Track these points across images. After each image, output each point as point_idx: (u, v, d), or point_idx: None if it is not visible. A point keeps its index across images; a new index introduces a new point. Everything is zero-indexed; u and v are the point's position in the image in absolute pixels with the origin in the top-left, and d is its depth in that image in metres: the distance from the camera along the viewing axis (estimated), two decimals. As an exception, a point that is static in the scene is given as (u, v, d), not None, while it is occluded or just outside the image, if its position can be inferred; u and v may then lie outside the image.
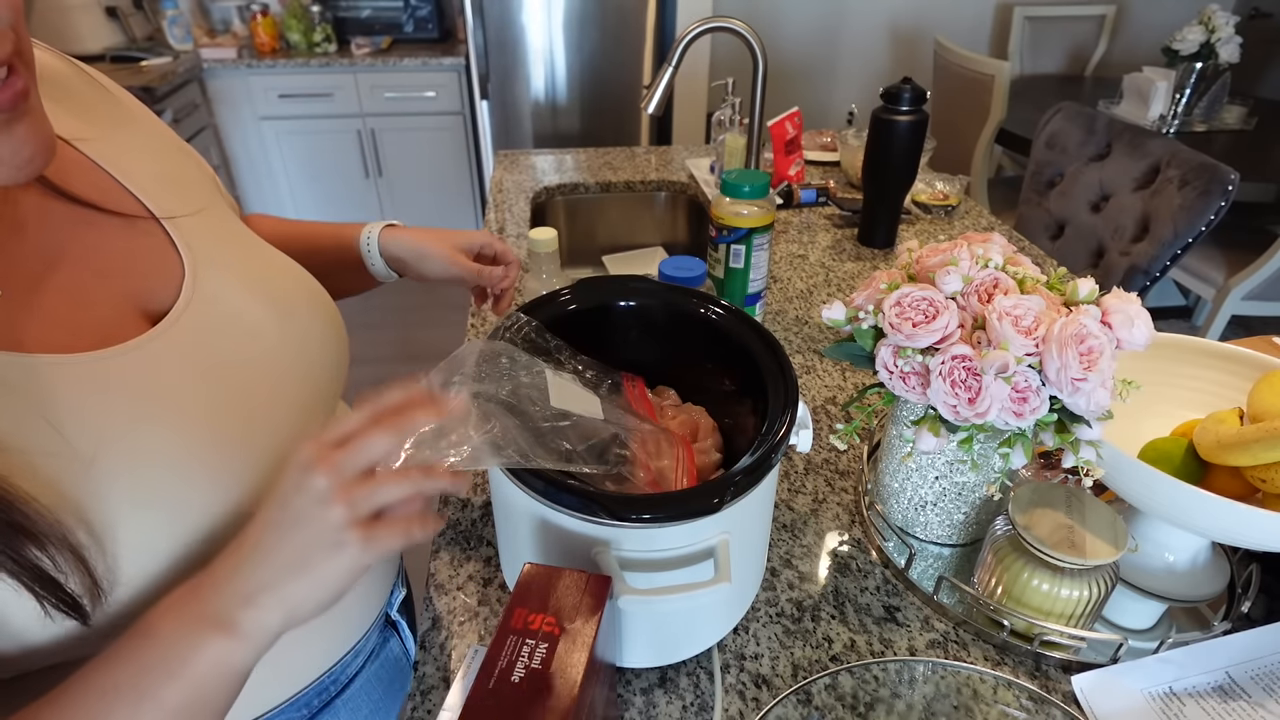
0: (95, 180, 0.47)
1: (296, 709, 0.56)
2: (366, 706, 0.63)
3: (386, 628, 0.68)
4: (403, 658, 0.70)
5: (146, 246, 0.47)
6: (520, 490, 0.50)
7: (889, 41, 3.39)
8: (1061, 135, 1.74)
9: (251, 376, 0.48)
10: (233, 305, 0.49)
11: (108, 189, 0.47)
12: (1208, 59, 2.42)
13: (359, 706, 0.62)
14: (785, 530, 0.71)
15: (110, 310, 0.44)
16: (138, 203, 0.48)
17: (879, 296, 0.59)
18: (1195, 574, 0.61)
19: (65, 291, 0.42)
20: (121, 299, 0.45)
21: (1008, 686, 0.55)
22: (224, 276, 0.50)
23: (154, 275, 0.47)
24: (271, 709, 0.54)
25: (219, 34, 3.02)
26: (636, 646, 0.55)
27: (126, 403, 0.41)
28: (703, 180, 1.50)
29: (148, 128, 0.54)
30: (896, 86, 1.14)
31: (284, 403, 0.49)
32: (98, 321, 0.43)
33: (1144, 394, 0.57)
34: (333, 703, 0.60)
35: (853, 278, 1.18)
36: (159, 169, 0.52)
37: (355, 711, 0.62)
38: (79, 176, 0.46)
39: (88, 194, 0.46)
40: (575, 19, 2.66)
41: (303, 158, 2.96)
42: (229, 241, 0.53)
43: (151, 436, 0.41)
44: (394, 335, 2.79)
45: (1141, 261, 1.46)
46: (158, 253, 0.48)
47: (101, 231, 0.46)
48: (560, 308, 0.64)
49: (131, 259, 0.46)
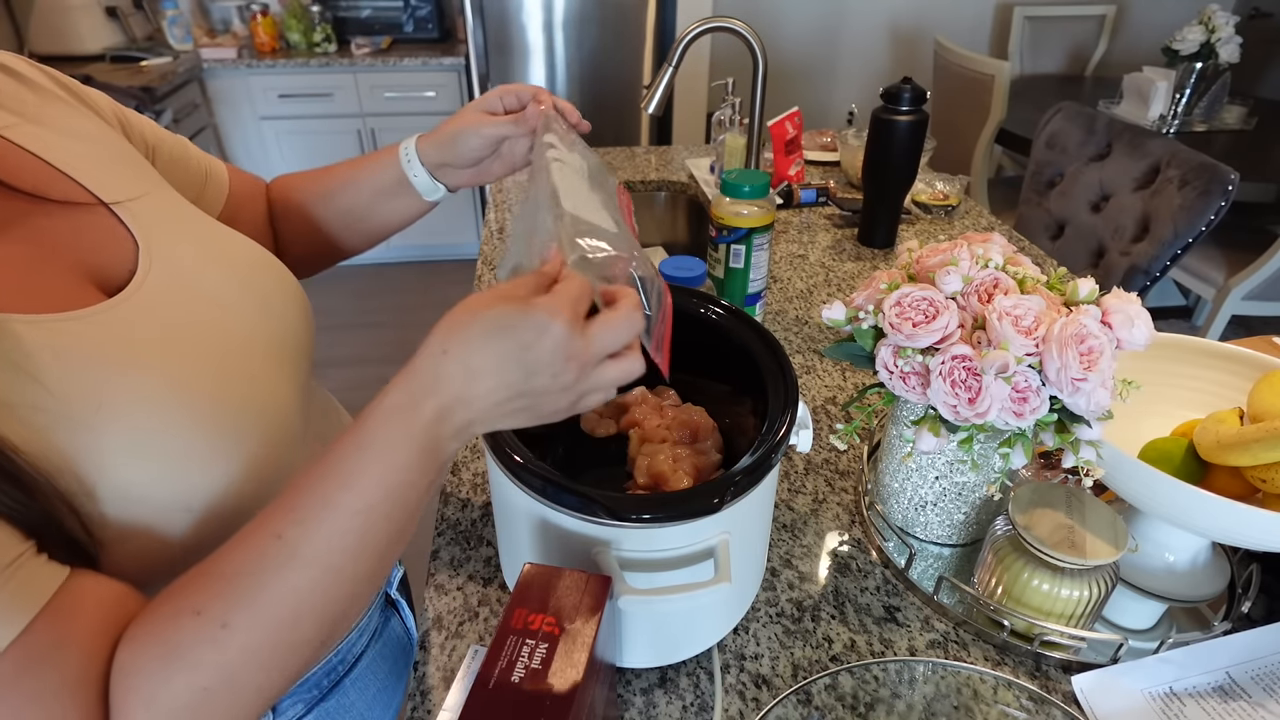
0: (33, 169, 0.46)
1: (306, 690, 0.57)
2: (374, 685, 0.64)
3: (387, 607, 0.69)
4: (404, 637, 0.71)
5: (95, 229, 0.47)
6: (520, 490, 0.50)
7: (889, 41, 3.39)
8: (1061, 135, 1.74)
9: (220, 336, 0.48)
10: (192, 274, 0.49)
11: (49, 178, 0.47)
12: (1208, 59, 2.42)
13: (367, 685, 0.64)
14: (785, 530, 0.71)
15: (63, 283, 0.43)
16: (82, 189, 0.48)
17: (879, 296, 0.59)
18: (1195, 574, 0.61)
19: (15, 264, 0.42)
20: (73, 274, 0.44)
21: (1008, 686, 0.55)
22: (179, 249, 0.50)
23: (105, 253, 0.47)
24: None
25: (219, 34, 3.02)
26: (636, 646, 0.55)
27: (107, 358, 0.41)
28: (703, 180, 1.50)
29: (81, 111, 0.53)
30: (896, 86, 1.14)
31: (257, 358, 0.50)
32: (53, 292, 0.42)
33: (1144, 394, 0.57)
34: (341, 683, 0.61)
35: (853, 278, 1.18)
36: (99, 153, 0.51)
37: (364, 690, 0.63)
38: (15, 167, 0.45)
39: (27, 184, 0.45)
40: (575, 19, 2.66)
41: (303, 158, 2.96)
42: (180, 219, 0.53)
43: (139, 387, 0.41)
44: (394, 335, 2.79)
45: (1141, 261, 1.46)
46: (108, 233, 0.48)
47: (48, 217, 0.45)
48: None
49: (79, 238, 0.46)
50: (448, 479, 0.76)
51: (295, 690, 0.56)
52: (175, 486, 0.42)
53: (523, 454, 0.49)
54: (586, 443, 0.67)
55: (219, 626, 0.36)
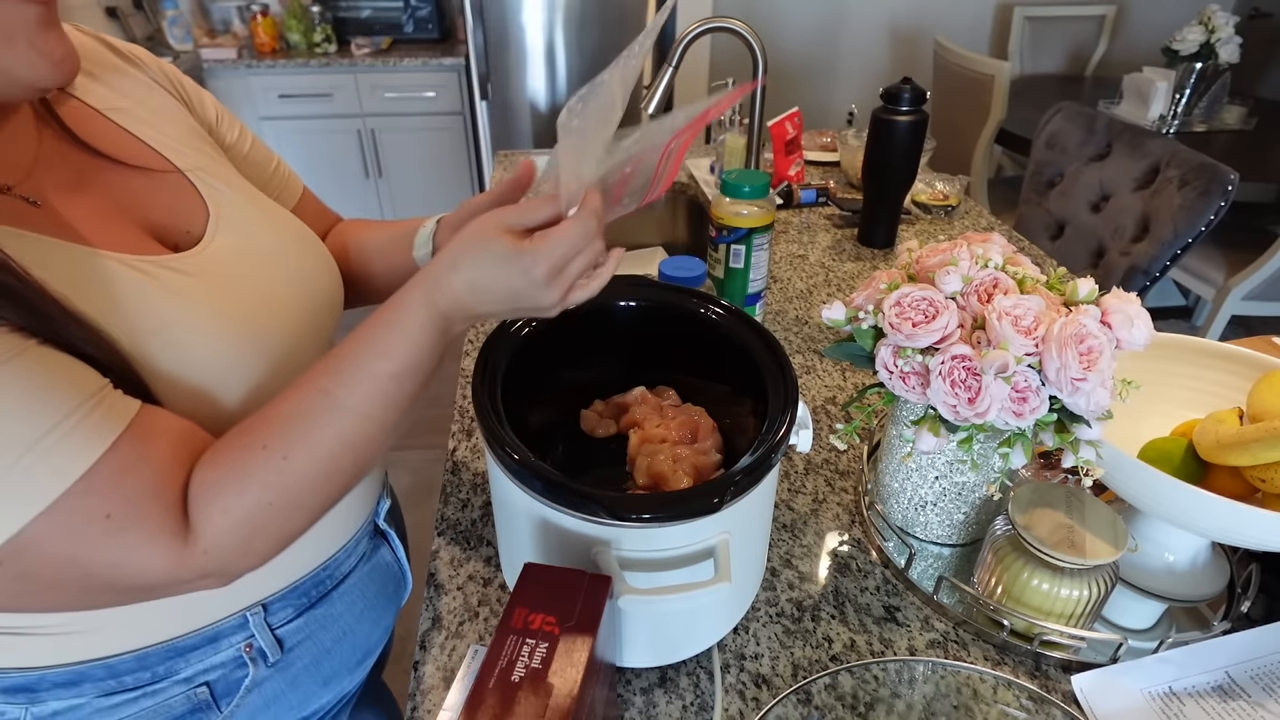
0: (120, 141, 0.54)
1: (296, 596, 0.62)
2: (361, 602, 0.68)
3: (376, 535, 0.72)
4: (394, 565, 0.75)
5: (168, 191, 0.55)
6: (520, 490, 0.50)
7: (889, 41, 3.39)
8: (1061, 135, 1.74)
9: (270, 294, 0.56)
10: (253, 240, 0.57)
11: (133, 149, 0.54)
12: (1208, 59, 2.42)
13: (354, 601, 0.67)
14: (785, 530, 0.71)
15: (134, 236, 0.51)
16: (163, 159, 0.55)
17: (879, 296, 0.59)
18: (1195, 574, 0.61)
19: (92, 213, 0.49)
20: (143, 229, 0.52)
21: (1008, 686, 0.55)
22: (247, 214, 0.58)
23: (176, 213, 0.54)
24: (273, 594, 0.60)
25: (219, 34, 3.02)
26: (636, 646, 0.55)
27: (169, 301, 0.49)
28: (703, 180, 1.50)
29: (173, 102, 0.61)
30: (896, 86, 1.14)
31: (295, 317, 0.57)
32: (125, 241, 0.50)
33: (1144, 394, 0.57)
34: (329, 595, 0.65)
35: (853, 278, 1.18)
36: (180, 129, 0.59)
37: (351, 605, 0.67)
38: (104, 136, 0.53)
39: (110, 150, 0.52)
40: (575, 19, 2.66)
41: (303, 158, 2.96)
42: (243, 189, 0.61)
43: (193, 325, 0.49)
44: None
45: (1141, 261, 1.46)
46: (183, 197, 0.55)
47: (123, 177, 0.53)
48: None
49: (152, 198, 0.54)
50: (448, 479, 0.76)
51: (285, 595, 0.61)
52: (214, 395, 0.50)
53: (523, 454, 0.49)
54: (586, 443, 0.68)
55: (281, 457, 0.45)
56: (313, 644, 0.64)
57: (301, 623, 0.63)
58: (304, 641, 0.63)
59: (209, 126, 0.64)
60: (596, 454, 0.67)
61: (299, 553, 0.61)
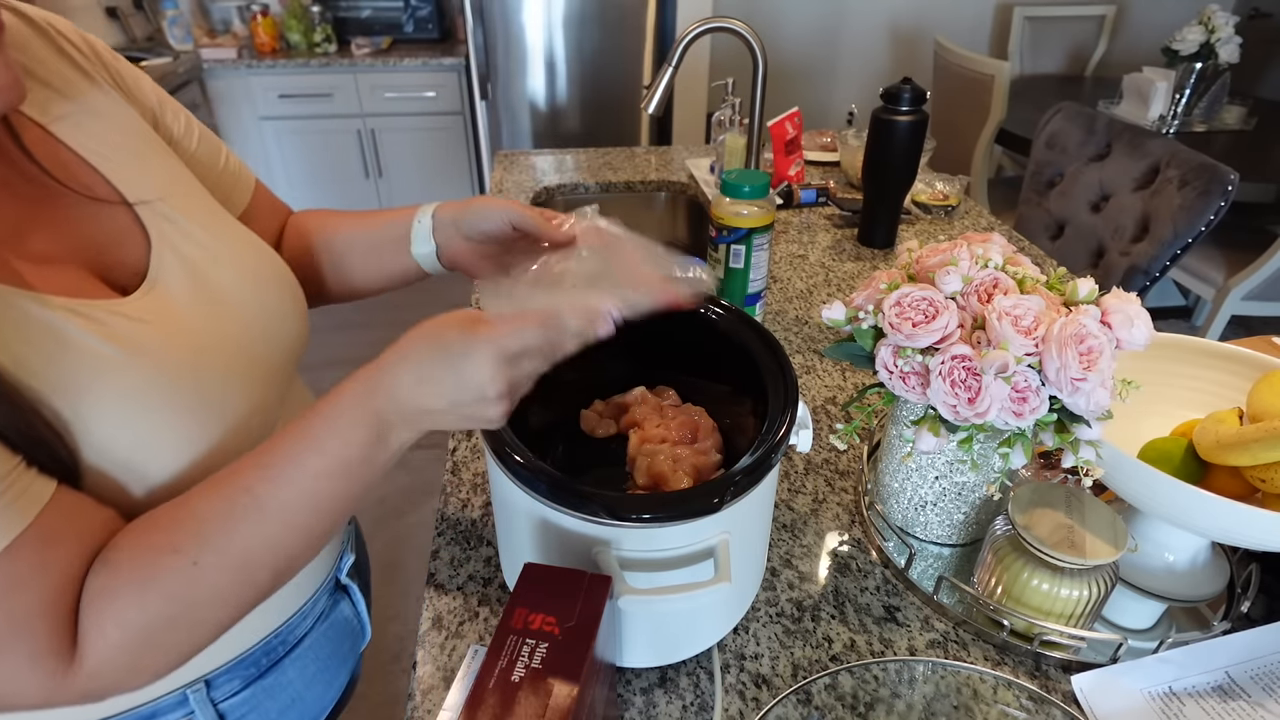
0: (64, 161, 0.48)
1: (244, 667, 0.59)
2: (314, 665, 0.65)
3: (337, 591, 0.69)
4: (354, 619, 0.72)
5: (113, 225, 0.49)
6: (520, 490, 0.50)
7: (889, 41, 3.39)
8: (1061, 135, 1.74)
9: (217, 339, 0.51)
10: (201, 278, 0.52)
11: (77, 170, 0.49)
12: (1207, 59, 2.42)
13: (306, 665, 0.64)
14: (785, 530, 0.71)
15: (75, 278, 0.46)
16: (108, 186, 0.50)
17: (879, 296, 0.59)
18: (1195, 574, 0.61)
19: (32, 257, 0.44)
20: (86, 268, 0.47)
21: (1008, 686, 0.55)
22: (193, 252, 0.52)
23: (120, 250, 0.49)
24: (218, 667, 0.57)
25: (219, 34, 3.02)
26: (636, 646, 0.55)
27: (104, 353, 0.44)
28: (703, 180, 1.50)
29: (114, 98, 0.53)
30: (896, 86, 1.14)
31: (253, 364, 0.53)
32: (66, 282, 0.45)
33: (1144, 394, 0.57)
34: (280, 662, 0.62)
35: (853, 278, 1.18)
36: (131, 144, 0.52)
37: (303, 671, 0.64)
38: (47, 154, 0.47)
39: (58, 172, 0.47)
40: (575, 19, 2.66)
41: (303, 158, 2.96)
42: (198, 219, 0.54)
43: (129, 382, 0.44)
44: (387, 335, 2.76)
45: (1141, 261, 1.46)
46: (125, 232, 0.50)
47: (70, 208, 0.47)
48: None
49: (97, 232, 0.48)
50: (448, 479, 0.76)
51: (232, 667, 0.58)
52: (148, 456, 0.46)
53: (523, 454, 0.49)
54: (586, 443, 0.67)
55: (191, 564, 0.41)
56: (258, 716, 0.60)
57: (248, 694, 0.59)
58: (248, 715, 0.60)
59: (153, 118, 0.57)
60: (596, 454, 0.67)
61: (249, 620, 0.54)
